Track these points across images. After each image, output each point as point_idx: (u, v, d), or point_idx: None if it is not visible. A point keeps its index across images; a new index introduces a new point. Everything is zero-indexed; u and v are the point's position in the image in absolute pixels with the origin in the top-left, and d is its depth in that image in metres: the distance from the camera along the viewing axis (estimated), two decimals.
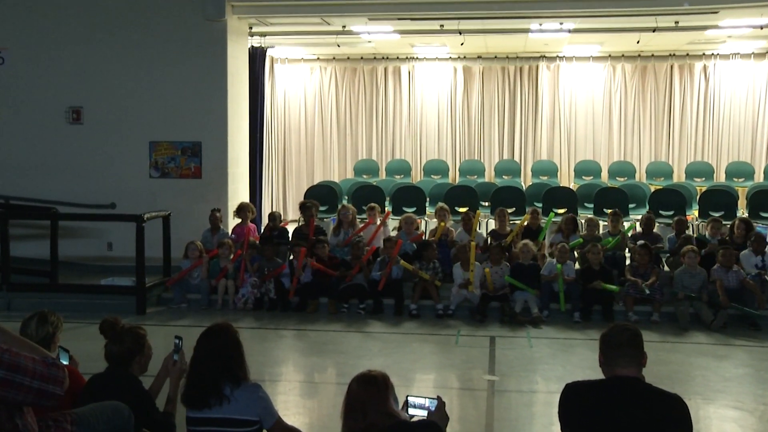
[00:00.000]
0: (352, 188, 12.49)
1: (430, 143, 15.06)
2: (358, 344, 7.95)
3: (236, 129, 11.69)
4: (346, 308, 9.32)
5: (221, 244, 9.81)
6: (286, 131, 15.27)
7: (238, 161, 11.86)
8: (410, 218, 10.33)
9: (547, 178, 13.80)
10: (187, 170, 11.36)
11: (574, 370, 6.94)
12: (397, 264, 9.37)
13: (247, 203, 10.90)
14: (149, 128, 11.38)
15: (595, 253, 9.11)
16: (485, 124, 14.88)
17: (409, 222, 10.25)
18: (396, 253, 9.36)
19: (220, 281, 9.59)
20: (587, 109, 14.65)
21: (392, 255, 9.35)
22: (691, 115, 14.37)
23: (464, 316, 9.08)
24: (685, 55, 14.27)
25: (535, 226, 10.26)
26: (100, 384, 4.15)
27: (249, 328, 8.46)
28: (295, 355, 7.83)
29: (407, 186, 12.58)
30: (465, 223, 10.25)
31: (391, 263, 9.33)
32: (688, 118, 14.37)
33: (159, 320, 9.00)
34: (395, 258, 9.34)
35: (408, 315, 9.12)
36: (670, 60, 14.37)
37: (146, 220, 9.38)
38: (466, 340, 8.14)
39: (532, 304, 8.95)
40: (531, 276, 9.18)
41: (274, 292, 9.45)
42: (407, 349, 7.75)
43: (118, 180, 11.43)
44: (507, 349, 7.73)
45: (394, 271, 9.40)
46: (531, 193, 12.21)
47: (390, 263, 9.33)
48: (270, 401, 3.97)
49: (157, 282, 9.75)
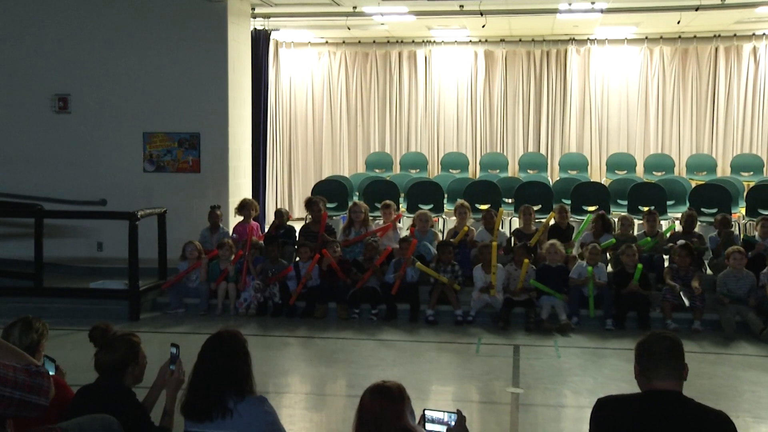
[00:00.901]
0: (363, 183, 12.49)
1: (449, 135, 15.03)
2: (370, 353, 7.94)
3: (238, 119, 11.70)
4: (357, 314, 9.33)
5: (221, 244, 9.83)
6: (292, 122, 15.28)
7: (240, 154, 11.87)
8: (424, 215, 10.31)
9: (577, 173, 13.76)
10: (185, 164, 11.38)
11: (607, 383, 6.91)
12: (413, 266, 9.36)
13: (249, 200, 10.91)
14: (143, 118, 11.41)
15: (630, 254, 9.06)
16: (508, 113, 14.83)
17: (423, 219, 10.23)
18: (410, 254, 9.34)
19: (220, 284, 9.61)
20: (621, 96, 14.58)
21: (406, 256, 9.33)
22: (737, 102, 14.27)
23: (486, 323, 9.06)
24: (732, 35, 14.16)
25: (563, 224, 10.22)
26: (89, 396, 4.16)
27: (252, 336, 8.43)
28: (302, 364, 7.83)
29: (423, 181, 12.56)
30: (486, 221, 10.23)
31: (405, 265, 9.32)
32: (734, 106, 14.27)
33: (154, 327, 9.01)
34: (410, 259, 9.33)
35: (424, 321, 9.11)
36: (715, 42, 14.26)
37: (140, 218, 9.41)
38: (488, 349, 8.12)
39: (560, 310, 8.92)
40: (559, 279, 9.15)
41: (279, 296, 9.46)
42: (424, 359, 7.74)
43: (109, 174, 11.47)
44: (532, 359, 7.71)
45: (408, 273, 9.38)
46: (558, 189, 12.17)
47: (404, 265, 9.32)
48: (276, 416, 3.97)
49: (151, 285, 9.78)
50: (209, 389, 3.86)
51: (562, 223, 10.21)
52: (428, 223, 10.29)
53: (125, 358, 4.22)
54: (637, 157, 14.14)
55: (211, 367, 3.89)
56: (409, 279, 9.40)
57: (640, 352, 3.40)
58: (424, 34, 14.57)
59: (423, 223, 10.20)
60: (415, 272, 9.40)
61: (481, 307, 9.20)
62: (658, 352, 3.33)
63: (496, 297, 9.07)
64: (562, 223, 10.21)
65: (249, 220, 10.63)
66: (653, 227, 10.05)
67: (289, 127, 15.22)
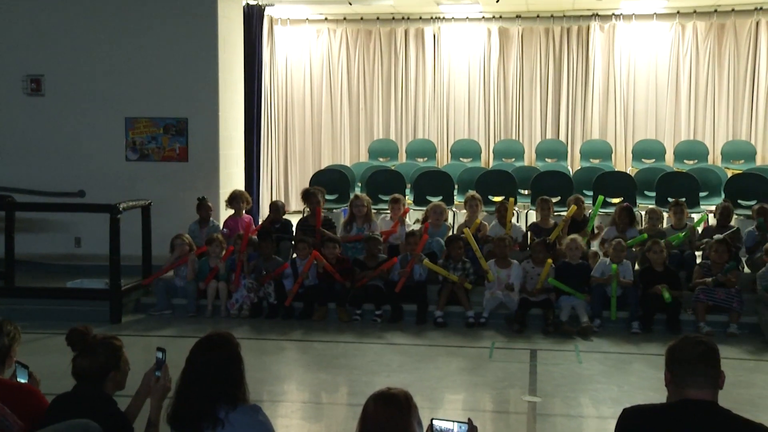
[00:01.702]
0: (366, 174, 12.49)
1: (459, 120, 15.00)
2: (373, 358, 7.95)
3: (229, 103, 11.69)
4: (359, 315, 9.33)
5: (211, 239, 9.83)
6: (289, 106, 15.26)
7: (232, 141, 11.86)
8: (439, 207, 10.29)
9: (600, 162, 13.73)
10: (171, 152, 11.37)
11: (633, 392, 6.91)
12: (420, 263, 9.35)
13: (241, 191, 10.92)
14: (125, 101, 11.40)
15: (658, 251, 9.04)
16: (525, 97, 14.79)
17: (437, 212, 10.22)
18: (420, 250, 9.33)
19: (209, 284, 9.61)
20: (649, 78, 14.52)
21: (415, 252, 9.32)
22: None
23: (499, 326, 9.06)
24: None
25: (581, 217, 10.20)
26: (66, 405, 4.16)
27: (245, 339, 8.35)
28: (299, 370, 7.85)
29: (432, 171, 12.55)
30: (500, 214, 10.23)
31: (412, 261, 9.31)
32: None
33: (137, 330, 9.03)
34: (418, 256, 9.32)
35: (433, 323, 9.12)
36: (756, 15, 14.16)
37: (122, 212, 9.41)
38: (502, 354, 8.13)
39: (581, 312, 8.91)
40: (580, 278, 9.14)
41: (275, 296, 9.46)
42: (432, 364, 7.75)
43: (87, 163, 11.47)
44: (551, 365, 7.72)
45: (416, 271, 9.38)
46: (580, 179, 12.14)
47: (411, 261, 9.31)
48: (271, 426, 3.97)
49: (134, 284, 9.79)
50: (198, 397, 3.85)
51: (580, 216, 10.18)
52: (443, 216, 10.29)
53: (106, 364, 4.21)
54: (667, 145, 14.09)
55: (201, 373, 3.87)
56: (417, 277, 9.39)
57: (671, 357, 3.38)
58: (433, 10, 14.53)
59: (437, 216, 10.18)
60: (423, 270, 9.40)
61: (495, 308, 9.20)
62: (692, 359, 3.31)
63: (510, 297, 9.07)
64: (580, 216, 10.18)
65: (241, 213, 10.63)
66: (681, 220, 10.02)
67: (285, 112, 15.20)
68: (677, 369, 3.34)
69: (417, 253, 9.34)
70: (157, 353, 4.38)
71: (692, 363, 3.30)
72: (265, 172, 13.92)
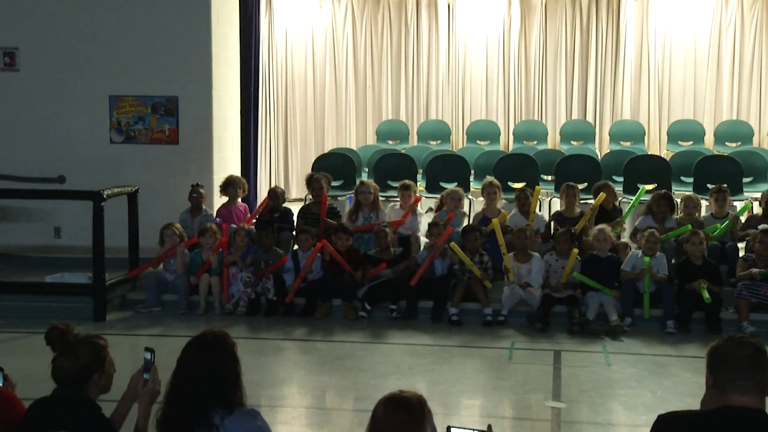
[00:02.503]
0: (373, 158, 12.48)
1: (476, 99, 14.97)
2: (382, 359, 7.97)
3: (224, 80, 11.68)
4: (366, 312, 9.32)
5: (203, 230, 9.83)
6: (289, 84, 15.23)
7: (227, 122, 11.86)
8: (456, 194, 10.28)
9: (631, 144, 13.70)
10: (160, 133, 11.37)
11: (668, 397, 6.90)
12: (442, 257, 9.34)
13: (236, 177, 10.93)
14: (109, 78, 11.39)
15: (697, 243, 9.00)
16: (548, 73, 14.76)
17: (455, 198, 10.22)
18: (443, 242, 9.33)
19: (201, 278, 9.61)
20: (687, 51, 14.45)
21: (437, 244, 9.32)
22: None
23: (520, 324, 9.07)
24: None
25: (610, 206, 10.16)
26: (45, 411, 4.15)
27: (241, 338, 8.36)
28: (301, 372, 7.87)
29: (446, 155, 12.53)
30: (520, 202, 10.21)
31: (433, 254, 9.30)
32: None
33: (123, 328, 9.04)
34: (440, 248, 9.30)
35: (447, 322, 9.12)
36: None
37: (106, 199, 9.41)
38: (523, 355, 8.14)
39: (610, 309, 8.90)
40: (608, 272, 9.13)
41: (274, 291, 9.47)
42: (446, 366, 7.76)
43: (67, 146, 11.47)
44: (577, 368, 7.72)
45: (437, 267, 9.37)
46: (609, 164, 12.12)
47: (432, 254, 9.30)
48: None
49: (120, 279, 9.81)
50: (191, 402, 3.85)
51: (609, 204, 10.14)
52: (460, 203, 10.30)
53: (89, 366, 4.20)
54: (706, 125, 14.04)
55: (193, 375, 3.88)
56: (438, 272, 9.40)
57: (714, 359, 3.36)
58: None
59: (454, 203, 10.18)
60: (444, 265, 9.39)
61: (515, 305, 9.20)
62: (737, 361, 3.28)
63: (532, 293, 9.05)
64: (609, 204, 10.14)
65: (236, 200, 10.65)
66: (722, 208, 9.99)
67: (285, 91, 15.17)
68: (720, 372, 3.31)
69: (438, 245, 9.32)
70: (145, 354, 4.37)
71: (739, 366, 3.28)
72: (263, 156, 13.90)
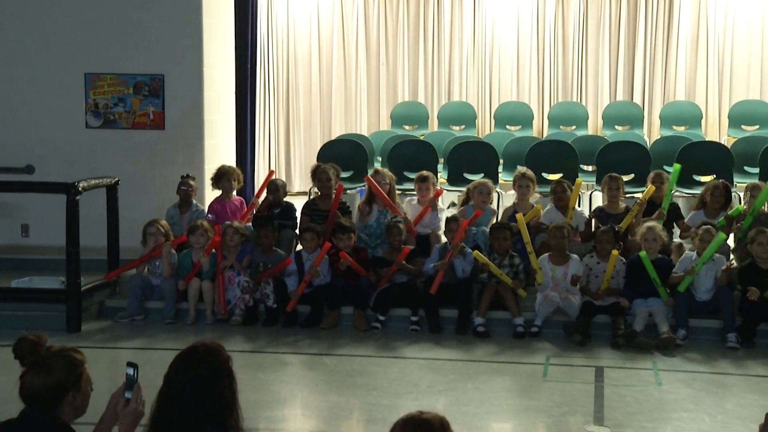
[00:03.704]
0: (388, 145, 12.48)
1: (506, 78, 14.98)
2: (398, 375, 7.96)
3: (216, 57, 11.70)
4: (380, 323, 9.33)
5: (194, 227, 9.85)
6: (291, 61, 15.26)
7: (220, 105, 11.87)
8: (485, 186, 10.22)
9: (686, 129, 13.68)
10: (143, 117, 11.40)
11: (729, 422, 6.89)
12: (463, 256, 9.32)
13: (231, 167, 10.93)
14: (85, 54, 11.41)
15: (764, 243, 8.96)
16: (589, 48, 14.76)
17: (484, 192, 10.17)
18: (460, 239, 9.31)
19: (191, 282, 9.63)
20: (752, 21, 14.42)
21: (453, 242, 9.31)
22: None
23: (556, 336, 9.06)
24: None
25: (659, 199, 10.13)
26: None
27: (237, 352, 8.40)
28: (305, 391, 7.89)
29: (471, 142, 12.51)
30: (557, 197, 10.16)
31: (451, 253, 9.29)
32: None
33: (102, 340, 9.07)
34: (458, 246, 9.29)
35: (472, 333, 9.12)
36: None
37: (81, 192, 9.41)
38: (560, 372, 8.13)
39: (661, 319, 8.86)
40: (659, 276, 9.06)
41: (274, 298, 9.48)
42: (471, 384, 7.75)
43: (37, 131, 11.49)
44: (622, 387, 7.69)
45: (457, 267, 9.36)
46: (659, 152, 12.05)
47: (450, 253, 9.29)
48: None
49: (98, 283, 9.82)
50: (179, 424, 3.86)
51: (659, 197, 10.11)
52: (489, 197, 10.28)
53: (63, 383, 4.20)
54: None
55: (182, 394, 3.88)
56: (460, 274, 9.38)
57: None
58: None
59: (483, 197, 10.16)
60: (466, 266, 9.38)
61: (550, 314, 9.18)
62: None
63: (570, 300, 9.03)
64: (659, 197, 10.11)
65: (230, 194, 10.65)
66: None
67: (286, 69, 15.19)
68: None
69: (456, 243, 9.31)
70: (128, 370, 4.37)
71: None
72: (261, 143, 13.92)
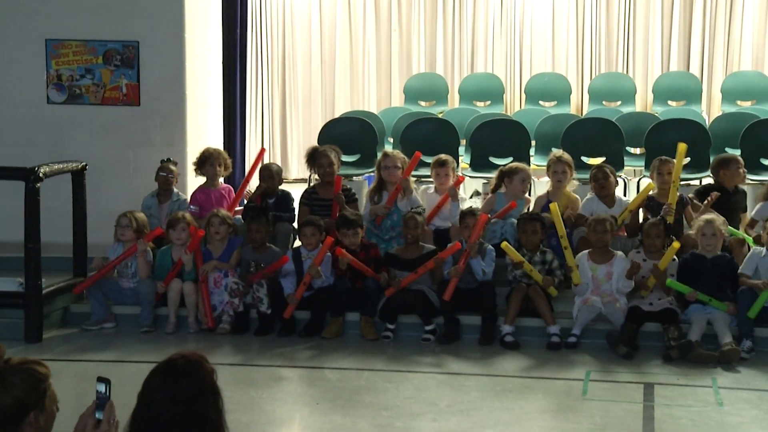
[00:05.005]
0: (401, 124, 12.51)
1: (538, 46, 15.06)
2: (413, 393, 7.95)
3: (200, 22, 11.75)
4: (390, 332, 9.35)
5: (174, 220, 9.86)
6: (288, 28, 15.29)
7: (204, 77, 11.92)
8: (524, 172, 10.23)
9: (752, 104, 13.71)
10: (115, 91, 11.42)
11: None
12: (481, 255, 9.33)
13: (216, 150, 10.96)
14: (46, 17, 11.47)
15: None
16: (638, 10, 14.80)
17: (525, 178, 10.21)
18: (477, 237, 9.31)
19: (171, 284, 9.64)
20: None
21: (470, 239, 9.33)
22: None
23: (598, 348, 9.05)
24: None
25: (730, 186, 10.14)
26: None
27: (225, 365, 8.49)
28: (304, 411, 7.90)
29: (497, 120, 12.53)
30: (598, 184, 10.14)
31: (468, 253, 9.30)
32: None
33: (67, 351, 9.08)
34: (474, 245, 9.29)
35: (499, 344, 9.13)
36: None
37: (43, 178, 9.40)
38: (602, 390, 8.11)
39: (723, 328, 8.84)
40: (719, 278, 9.10)
41: (268, 303, 9.50)
42: (499, 404, 7.74)
43: None
44: (676, 407, 7.67)
45: (476, 268, 9.36)
46: (720, 131, 12.08)
47: (466, 253, 9.30)
48: None
49: (62, 285, 9.83)
50: None
51: (730, 185, 10.08)
52: (525, 185, 10.33)
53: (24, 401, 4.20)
54: None
55: (160, 414, 3.89)
56: (480, 277, 9.39)
57: None
58: None
59: (522, 186, 10.23)
60: (488, 266, 9.38)
61: (590, 322, 9.19)
62: None
63: (613, 305, 9.03)
64: (730, 185, 10.08)
65: (216, 181, 10.69)
66: None
67: (282, 35, 15.21)
68: None
69: (472, 241, 9.32)
70: (98, 386, 4.37)
71: None
72: (252, 122, 13.93)
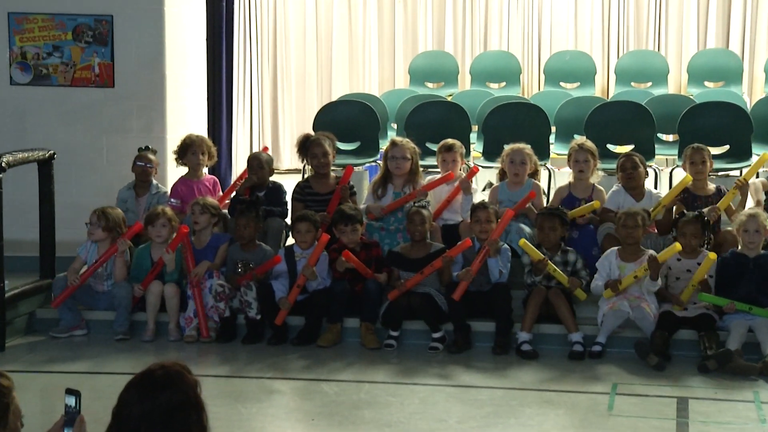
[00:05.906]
0: (406, 108, 12.53)
1: (558, 21, 15.09)
2: (418, 408, 7.96)
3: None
4: (394, 340, 9.35)
5: (153, 215, 9.86)
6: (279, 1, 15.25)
7: (186, 57, 11.94)
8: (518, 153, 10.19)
9: None
10: (86, 71, 11.44)
11: None
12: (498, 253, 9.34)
13: (200, 138, 10.96)
14: None
15: None
16: None
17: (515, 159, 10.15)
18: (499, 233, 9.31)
19: (149, 287, 9.64)
20: None
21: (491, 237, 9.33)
22: None
23: (625, 357, 9.06)
24: None
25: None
26: None
27: (210, 377, 8.53)
28: (298, 427, 7.91)
29: (513, 104, 12.57)
30: (626, 175, 10.12)
31: (486, 251, 9.29)
32: None
33: (33, 362, 9.10)
34: (494, 243, 9.29)
35: (515, 352, 9.13)
36: None
37: (5, 168, 9.39)
38: (631, 404, 8.11)
39: (765, 337, 8.84)
40: (763, 280, 9.09)
41: (258, 308, 9.50)
42: (515, 420, 7.75)
43: None
44: (712, 425, 7.66)
45: (492, 267, 9.37)
46: (763, 115, 12.07)
47: (483, 252, 9.29)
48: None
49: (27, 289, 9.83)
50: None
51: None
52: (524, 167, 10.23)
53: None
54: None
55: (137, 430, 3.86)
56: (495, 278, 9.40)
57: None
58: None
59: (516, 167, 10.17)
60: (504, 265, 9.39)
61: (618, 328, 9.19)
62: None
63: (643, 309, 9.01)
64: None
65: (199, 172, 10.71)
66: None
67: (273, 9, 15.21)
68: None
69: (493, 239, 9.31)
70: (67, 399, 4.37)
71: None
72: (240, 106, 13.92)
